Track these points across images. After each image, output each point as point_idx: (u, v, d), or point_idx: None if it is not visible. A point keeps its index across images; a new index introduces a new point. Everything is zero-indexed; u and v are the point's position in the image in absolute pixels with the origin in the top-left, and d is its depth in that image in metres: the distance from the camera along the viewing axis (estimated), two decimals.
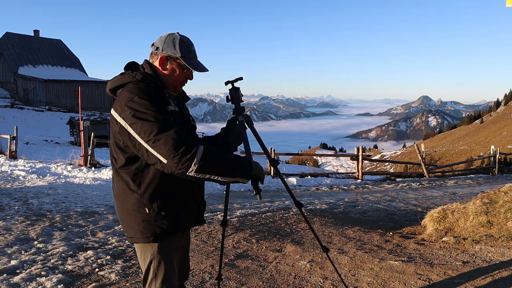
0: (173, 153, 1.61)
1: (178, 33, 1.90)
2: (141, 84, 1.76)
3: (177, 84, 1.92)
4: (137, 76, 1.79)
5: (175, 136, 1.62)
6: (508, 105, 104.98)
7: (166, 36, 1.87)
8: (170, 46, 1.84)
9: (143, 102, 1.68)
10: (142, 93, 1.71)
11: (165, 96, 1.84)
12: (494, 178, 13.60)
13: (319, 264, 3.76)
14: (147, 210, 1.81)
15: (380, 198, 8.41)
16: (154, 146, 1.63)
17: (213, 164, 1.66)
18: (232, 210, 6.53)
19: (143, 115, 1.66)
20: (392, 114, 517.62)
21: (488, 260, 3.72)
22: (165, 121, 1.66)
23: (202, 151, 1.64)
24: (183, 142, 1.62)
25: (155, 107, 1.68)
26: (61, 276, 3.41)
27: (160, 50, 1.86)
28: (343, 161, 67.17)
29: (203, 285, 3.28)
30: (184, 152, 1.61)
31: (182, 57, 1.84)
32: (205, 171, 1.65)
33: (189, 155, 1.61)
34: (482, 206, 4.77)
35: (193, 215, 1.96)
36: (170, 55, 1.85)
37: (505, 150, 26.92)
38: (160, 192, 1.81)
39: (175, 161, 1.61)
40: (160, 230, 1.83)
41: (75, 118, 22.55)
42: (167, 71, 1.88)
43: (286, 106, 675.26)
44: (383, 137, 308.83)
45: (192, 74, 1.94)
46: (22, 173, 10.41)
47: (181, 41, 1.86)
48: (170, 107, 1.82)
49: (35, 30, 43.12)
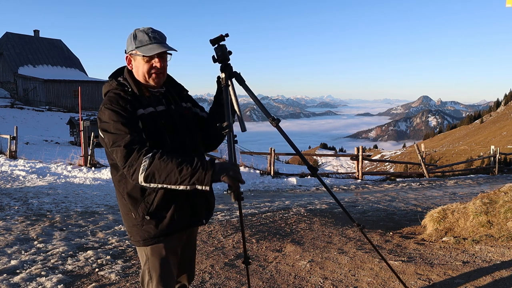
0: (122, 163, 1.68)
1: (139, 28, 1.86)
2: (113, 92, 1.81)
3: (147, 77, 1.84)
4: (113, 84, 1.84)
5: (124, 147, 1.67)
6: (508, 105, 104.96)
7: (127, 37, 1.88)
8: (129, 43, 1.85)
9: (107, 112, 1.74)
10: (108, 102, 1.76)
11: (138, 100, 1.81)
12: (494, 178, 13.59)
13: (319, 264, 3.76)
14: (133, 215, 1.84)
15: (380, 198, 8.41)
16: (114, 156, 1.73)
17: (160, 174, 1.63)
18: (232, 210, 6.52)
19: (105, 126, 1.73)
20: (392, 114, 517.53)
21: (488, 260, 3.72)
22: (122, 132, 1.69)
23: (148, 160, 1.63)
24: (131, 153, 1.66)
25: (116, 117, 1.72)
26: (61, 276, 3.41)
27: (126, 52, 1.88)
28: (343, 161, 67.12)
29: (203, 285, 3.28)
30: (131, 163, 1.66)
31: (137, 47, 1.80)
32: (152, 181, 1.65)
33: (135, 166, 1.65)
34: (482, 206, 4.77)
35: (186, 216, 1.90)
36: (130, 51, 1.84)
37: (505, 150, 26.91)
38: (143, 196, 1.82)
39: (126, 171, 1.69)
40: (148, 235, 1.84)
41: (75, 118, 22.54)
42: (134, 68, 1.87)
43: (286, 106, 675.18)
44: (383, 137, 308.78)
45: (160, 61, 1.81)
46: (22, 173, 10.41)
47: (136, 34, 1.83)
48: (142, 110, 1.79)
49: (35, 30, 43.10)
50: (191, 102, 2.06)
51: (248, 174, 11.48)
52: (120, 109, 1.73)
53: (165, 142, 1.82)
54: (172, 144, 1.84)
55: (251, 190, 9.88)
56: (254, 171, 11.94)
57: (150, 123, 1.79)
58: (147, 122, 1.79)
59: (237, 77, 2.01)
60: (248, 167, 12.33)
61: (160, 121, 1.84)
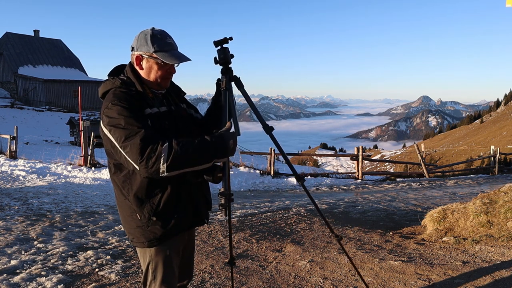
0: (139, 158, 1.62)
1: (153, 28, 1.85)
2: (119, 90, 1.78)
3: (159, 81, 1.86)
4: (116, 82, 1.81)
5: (140, 141, 1.62)
6: (508, 105, 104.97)
7: (139, 34, 1.84)
8: (143, 44, 1.81)
9: (115, 108, 1.70)
10: (115, 99, 1.72)
11: (144, 100, 1.81)
12: (494, 178, 13.59)
13: (319, 264, 3.76)
14: (139, 217, 1.82)
15: (380, 198, 8.41)
16: (126, 152, 1.66)
17: (182, 159, 1.63)
18: (232, 210, 6.53)
19: (115, 121, 1.68)
20: (392, 114, 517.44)
21: (488, 260, 3.71)
22: (134, 126, 1.65)
23: (167, 150, 1.61)
24: (147, 146, 1.61)
25: (127, 112, 1.68)
26: (61, 276, 3.41)
27: (135, 50, 1.84)
28: (343, 161, 67.15)
29: (203, 285, 3.28)
30: (149, 156, 1.61)
31: (156, 52, 1.79)
32: (176, 168, 1.63)
33: (155, 157, 1.61)
34: (482, 206, 4.77)
35: (189, 216, 1.91)
36: (144, 52, 1.81)
37: (505, 150, 26.91)
38: (149, 197, 1.80)
39: (144, 166, 1.62)
40: (154, 236, 1.83)
41: (75, 118, 22.56)
42: (144, 69, 1.85)
43: (286, 106, 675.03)
44: (383, 137, 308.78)
45: (173, 67, 1.86)
46: (22, 173, 10.41)
47: (153, 36, 1.80)
48: (149, 110, 1.79)
49: (35, 30, 43.09)
50: (186, 103, 2.08)
51: (248, 174, 11.48)
52: (129, 106, 1.71)
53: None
54: None
55: (251, 190, 9.88)
56: (254, 171, 11.94)
57: (155, 123, 1.78)
58: (153, 122, 1.77)
59: (236, 81, 2.04)
60: (248, 167, 12.33)
61: (164, 121, 1.84)
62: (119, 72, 1.91)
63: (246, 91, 2.11)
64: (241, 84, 2.06)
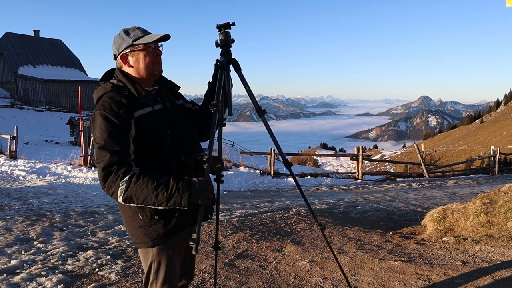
0: (102, 183, 1.70)
1: (123, 28, 1.89)
2: (112, 94, 1.78)
3: (152, 67, 1.85)
4: (107, 87, 1.82)
5: (102, 170, 1.68)
6: (508, 105, 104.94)
7: (113, 40, 1.88)
8: (121, 42, 1.84)
9: (99, 119, 1.73)
10: (101, 108, 1.74)
11: (136, 101, 1.80)
12: (494, 178, 13.60)
13: (319, 264, 3.76)
14: (141, 216, 1.82)
15: (380, 198, 8.41)
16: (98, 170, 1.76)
17: (138, 198, 1.67)
18: (232, 210, 6.52)
19: (95, 133, 1.74)
20: (392, 114, 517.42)
21: (488, 260, 3.72)
22: (105, 150, 1.68)
23: (125, 185, 1.65)
24: (109, 175, 1.67)
25: (106, 125, 1.70)
26: (61, 276, 3.41)
27: (117, 53, 1.86)
28: (343, 161, 67.13)
29: (203, 285, 3.28)
30: (109, 185, 1.68)
31: (134, 40, 1.81)
32: (132, 202, 1.69)
33: (113, 188, 1.67)
34: (482, 206, 4.77)
35: (192, 213, 1.90)
36: (125, 48, 1.83)
37: (505, 150, 26.89)
38: None
39: (105, 191, 1.72)
40: (157, 235, 1.83)
41: (75, 118, 22.54)
42: (133, 65, 1.85)
43: (286, 106, 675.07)
44: (383, 137, 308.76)
45: (158, 49, 1.87)
46: (22, 173, 10.41)
47: (125, 31, 1.85)
48: (141, 111, 1.79)
49: (35, 30, 43.09)
50: (182, 99, 2.09)
51: (248, 174, 11.47)
52: (113, 116, 1.71)
53: (166, 139, 1.82)
54: (173, 141, 1.84)
55: (251, 190, 9.88)
56: (254, 171, 11.94)
57: (150, 123, 1.79)
58: (147, 122, 1.78)
59: (234, 64, 2.07)
60: (248, 167, 12.33)
61: (159, 119, 1.84)
62: (111, 76, 1.90)
63: (243, 75, 2.12)
64: (239, 67, 2.08)
